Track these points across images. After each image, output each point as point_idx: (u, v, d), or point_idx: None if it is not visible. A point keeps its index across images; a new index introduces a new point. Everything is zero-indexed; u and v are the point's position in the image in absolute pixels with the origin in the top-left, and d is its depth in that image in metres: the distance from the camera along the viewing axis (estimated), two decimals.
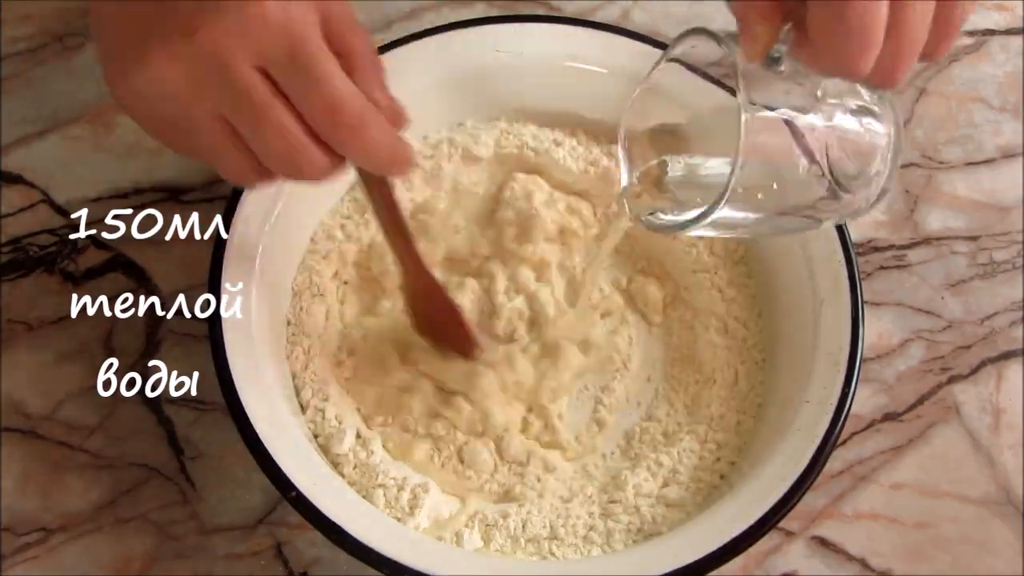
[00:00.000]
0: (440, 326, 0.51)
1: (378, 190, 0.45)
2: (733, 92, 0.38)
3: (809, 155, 0.40)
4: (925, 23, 0.36)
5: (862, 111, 0.41)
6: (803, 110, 0.40)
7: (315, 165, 0.38)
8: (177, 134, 0.39)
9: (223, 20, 0.36)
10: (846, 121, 0.41)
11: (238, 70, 0.36)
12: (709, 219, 0.40)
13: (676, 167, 0.47)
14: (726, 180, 0.38)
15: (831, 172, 0.41)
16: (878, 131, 0.41)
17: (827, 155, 0.40)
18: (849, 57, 0.36)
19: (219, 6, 0.36)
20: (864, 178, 0.41)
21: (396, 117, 0.41)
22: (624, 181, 0.47)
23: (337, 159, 0.39)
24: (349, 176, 0.45)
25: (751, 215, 0.41)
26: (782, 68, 0.39)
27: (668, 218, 0.46)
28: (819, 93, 0.40)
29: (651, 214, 0.46)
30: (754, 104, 0.38)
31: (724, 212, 0.39)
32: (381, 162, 0.40)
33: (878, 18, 0.35)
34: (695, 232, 0.42)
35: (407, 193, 0.55)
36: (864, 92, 0.41)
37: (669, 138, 0.47)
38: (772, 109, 0.39)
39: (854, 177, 0.41)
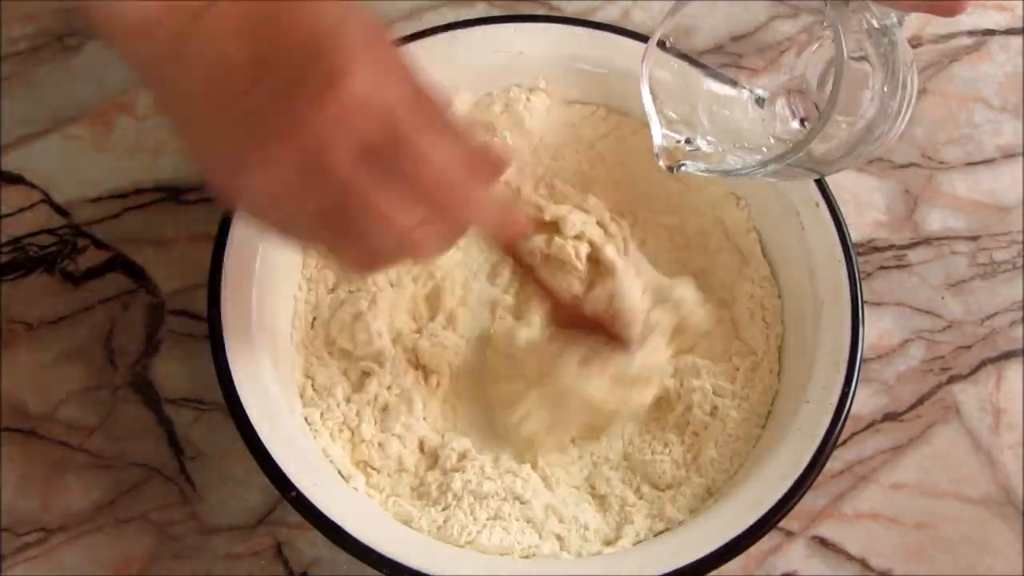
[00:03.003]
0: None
1: (505, 247, 0.45)
2: None
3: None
4: None
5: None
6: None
7: (427, 246, 0.38)
8: (293, 231, 0.38)
9: (317, 112, 0.33)
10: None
11: (339, 164, 0.34)
12: (794, 158, 0.40)
13: (707, 116, 0.47)
14: (822, 117, 0.38)
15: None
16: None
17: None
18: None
19: (310, 95, 0.33)
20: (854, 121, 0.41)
21: (498, 165, 0.40)
22: (656, 137, 0.46)
23: (448, 233, 0.38)
24: None
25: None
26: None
27: (733, 161, 0.45)
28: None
29: (682, 166, 0.46)
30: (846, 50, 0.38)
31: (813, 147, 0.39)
32: (492, 225, 0.41)
33: None
34: (746, 174, 0.42)
35: None
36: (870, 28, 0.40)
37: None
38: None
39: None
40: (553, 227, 0.56)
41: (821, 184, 0.52)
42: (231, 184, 0.36)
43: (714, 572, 0.42)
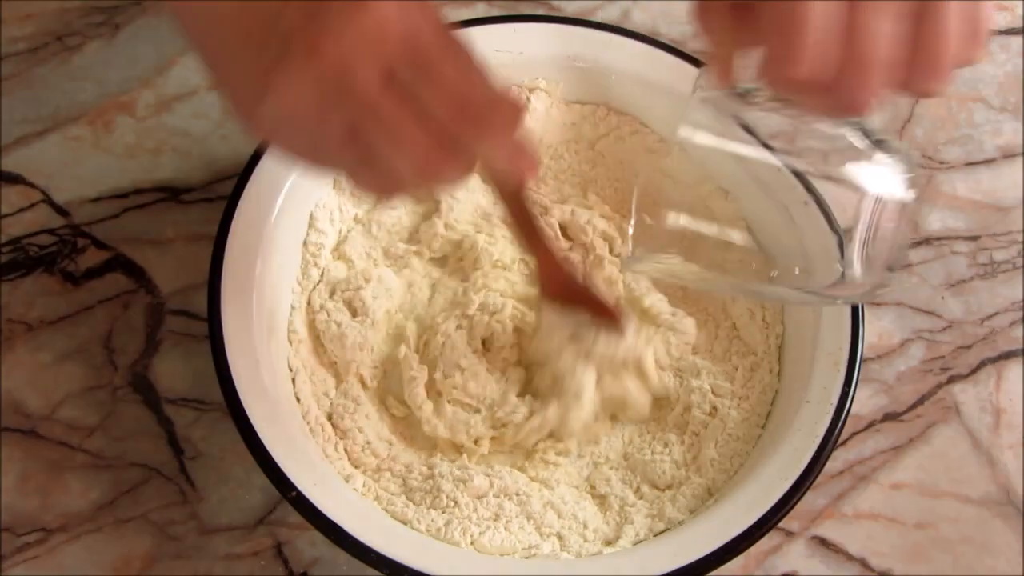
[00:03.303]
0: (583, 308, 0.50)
1: (510, 193, 0.45)
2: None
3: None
4: (893, 32, 0.32)
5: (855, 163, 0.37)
6: (782, 150, 0.38)
7: (447, 171, 0.38)
8: (316, 155, 0.38)
9: (343, 33, 0.34)
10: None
11: (363, 85, 0.34)
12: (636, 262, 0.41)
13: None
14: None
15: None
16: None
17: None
18: (790, 63, 0.32)
19: (336, 18, 0.34)
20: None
21: (517, 108, 0.39)
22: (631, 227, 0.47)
23: (466, 161, 0.38)
24: None
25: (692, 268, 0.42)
26: (757, 99, 0.37)
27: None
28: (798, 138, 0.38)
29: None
30: (695, 131, 0.37)
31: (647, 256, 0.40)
32: (504, 163, 0.40)
33: (821, 17, 0.31)
34: (641, 269, 0.42)
35: None
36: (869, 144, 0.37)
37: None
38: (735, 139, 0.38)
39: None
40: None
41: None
42: (255, 110, 0.36)
43: (714, 572, 0.42)
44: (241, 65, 0.36)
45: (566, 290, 0.49)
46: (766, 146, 0.39)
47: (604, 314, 0.49)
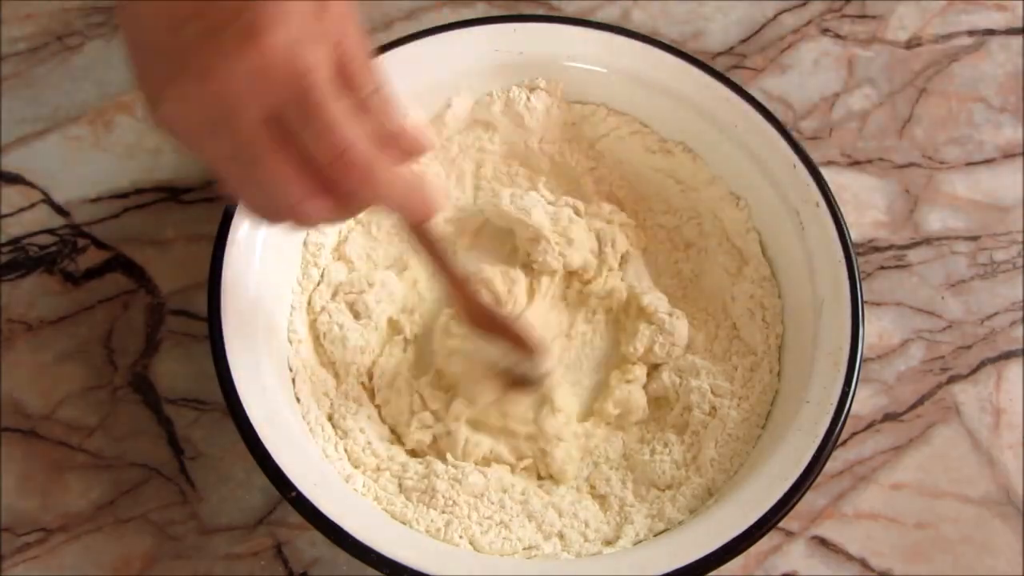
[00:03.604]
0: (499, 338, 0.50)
1: (413, 229, 0.45)
2: None
3: None
4: None
5: None
6: None
7: (314, 218, 0.38)
8: (208, 164, 0.39)
9: (232, 67, 0.34)
10: None
11: (242, 121, 0.35)
12: None
13: None
14: None
15: None
16: None
17: None
18: None
19: (227, 52, 0.34)
20: None
21: (415, 147, 0.40)
22: None
23: (345, 204, 0.39)
24: None
25: None
26: None
27: None
28: None
29: None
30: None
31: None
32: (396, 205, 0.40)
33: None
34: None
35: None
36: None
37: None
38: None
39: None
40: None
41: (821, 184, 0.52)
42: (153, 114, 0.37)
43: (714, 572, 0.42)
44: (144, 64, 0.37)
45: (483, 320, 0.49)
46: None
47: (522, 346, 0.49)
